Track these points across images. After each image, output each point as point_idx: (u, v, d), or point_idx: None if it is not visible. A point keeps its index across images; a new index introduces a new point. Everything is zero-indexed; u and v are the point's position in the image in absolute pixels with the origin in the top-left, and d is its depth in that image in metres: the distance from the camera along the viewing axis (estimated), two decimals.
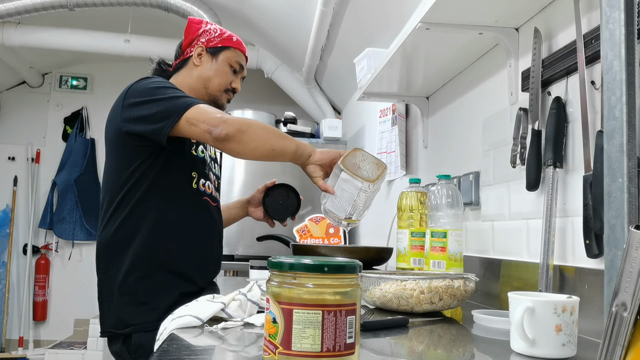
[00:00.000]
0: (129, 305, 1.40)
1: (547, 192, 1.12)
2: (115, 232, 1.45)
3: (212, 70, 1.60)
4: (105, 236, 1.47)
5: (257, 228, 3.17)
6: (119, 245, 1.44)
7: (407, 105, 2.23)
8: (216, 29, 1.64)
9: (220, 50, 1.61)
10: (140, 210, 1.44)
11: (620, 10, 0.53)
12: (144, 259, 1.42)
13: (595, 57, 1.04)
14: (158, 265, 1.43)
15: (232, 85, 1.64)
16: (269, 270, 0.65)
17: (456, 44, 1.48)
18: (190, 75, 1.60)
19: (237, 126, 1.33)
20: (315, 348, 0.60)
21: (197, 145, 1.55)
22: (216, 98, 1.62)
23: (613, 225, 0.53)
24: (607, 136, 0.54)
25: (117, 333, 1.41)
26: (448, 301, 1.12)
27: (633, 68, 0.53)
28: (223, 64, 1.61)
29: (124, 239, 1.44)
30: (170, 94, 1.39)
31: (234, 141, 1.33)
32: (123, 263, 1.42)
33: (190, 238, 1.49)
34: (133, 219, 1.43)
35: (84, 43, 3.94)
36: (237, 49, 1.65)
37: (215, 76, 1.60)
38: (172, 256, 1.45)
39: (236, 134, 1.33)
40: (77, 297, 4.65)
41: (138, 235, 1.43)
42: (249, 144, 1.35)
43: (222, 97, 1.63)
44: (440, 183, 1.45)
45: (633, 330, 0.46)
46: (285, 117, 3.64)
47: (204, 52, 1.60)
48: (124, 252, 1.43)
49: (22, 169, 4.85)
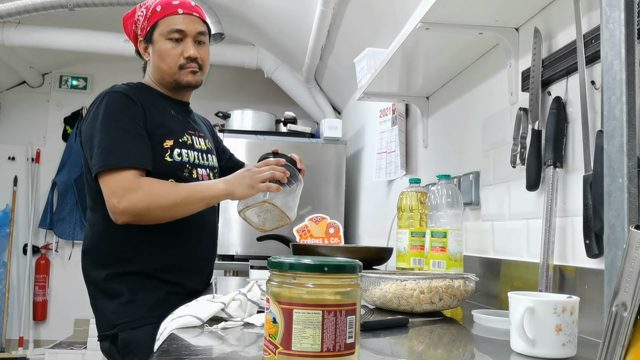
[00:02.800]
0: (115, 307, 1.41)
1: (547, 192, 1.12)
2: (94, 239, 1.46)
3: (156, 56, 1.48)
4: (85, 244, 1.48)
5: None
6: (99, 250, 1.45)
7: (407, 105, 2.23)
8: (143, 11, 1.50)
9: (152, 31, 1.48)
10: None
11: (621, 10, 0.53)
12: (126, 268, 1.42)
13: (595, 57, 1.04)
14: (142, 273, 1.43)
15: (184, 56, 1.47)
16: (269, 270, 0.65)
17: (456, 44, 1.48)
18: (151, 71, 1.54)
19: (133, 216, 1.32)
20: (315, 348, 0.60)
21: (171, 149, 1.45)
22: (176, 80, 1.50)
23: (613, 225, 0.53)
24: (607, 136, 0.54)
25: (106, 334, 1.42)
26: (448, 301, 1.12)
27: (633, 68, 0.53)
28: (160, 43, 1.47)
29: (103, 246, 1.44)
30: (105, 143, 1.35)
31: (138, 223, 1.36)
32: (104, 270, 1.43)
33: (176, 243, 1.46)
34: (110, 226, 1.38)
35: (84, 43, 3.94)
36: (165, 16, 1.47)
37: (161, 61, 1.48)
38: (156, 266, 1.43)
39: (135, 220, 1.34)
40: (77, 297, 4.64)
41: (117, 242, 1.42)
42: (155, 221, 1.38)
43: (181, 75, 1.49)
44: (440, 183, 1.45)
45: (633, 330, 0.46)
46: (285, 117, 3.64)
47: (143, 44, 1.52)
48: (105, 260, 1.44)
49: (22, 169, 4.84)
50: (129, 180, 1.33)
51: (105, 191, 1.33)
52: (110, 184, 1.33)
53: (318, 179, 3.27)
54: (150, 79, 1.55)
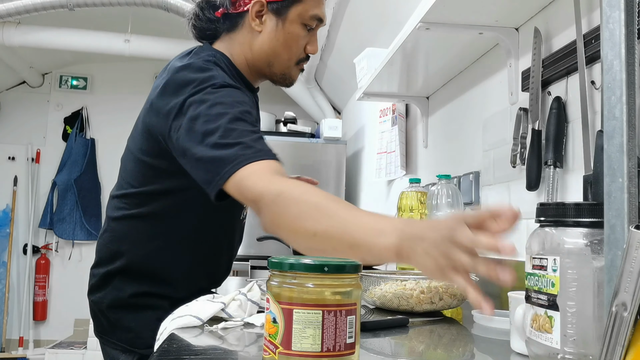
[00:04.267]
0: (151, 321, 1.11)
1: (547, 192, 1.12)
2: (139, 252, 1.18)
3: (280, 40, 1.15)
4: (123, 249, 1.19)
5: (257, 228, 3.18)
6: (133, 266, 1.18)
7: (407, 105, 2.23)
8: None
9: (290, 4, 1.14)
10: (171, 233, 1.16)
11: (621, 10, 0.53)
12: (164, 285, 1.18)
13: (595, 57, 1.04)
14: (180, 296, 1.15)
15: (307, 50, 1.20)
16: (269, 270, 0.65)
17: (456, 44, 1.48)
18: (249, 45, 1.16)
19: (258, 194, 0.88)
20: (315, 348, 0.60)
21: None
22: (285, 74, 1.21)
23: (613, 225, 0.53)
24: (607, 136, 0.54)
25: (134, 351, 1.20)
26: (448, 301, 1.12)
27: (633, 68, 0.53)
28: (294, 26, 1.15)
29: (148, 262, 1.18)
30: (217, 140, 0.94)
31: (271, 225, 0.89)
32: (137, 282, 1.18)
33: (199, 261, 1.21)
34: (144, 237, 1.16)
35: (84, 43, 3.94)
36: None
37: (285, 49, 1.16)
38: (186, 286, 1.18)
39: (271, 227, 0.89)
40: (77, 297, 4.64)
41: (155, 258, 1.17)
42: (270, 223, 0.88)
43: (292, 71, 1.21)
44: (441, 183, 1.45)
45: (633, 330, 0.46)
46: (285, 117, 3.64)
47: (265, 10, 1.14)
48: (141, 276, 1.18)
49: (22, 169, 4.84)
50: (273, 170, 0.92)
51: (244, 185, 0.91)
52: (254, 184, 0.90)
53: (318, 179, 3.25)
54: (238, 54, 1.18)
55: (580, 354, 0.62)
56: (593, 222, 0.64)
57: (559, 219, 0.67)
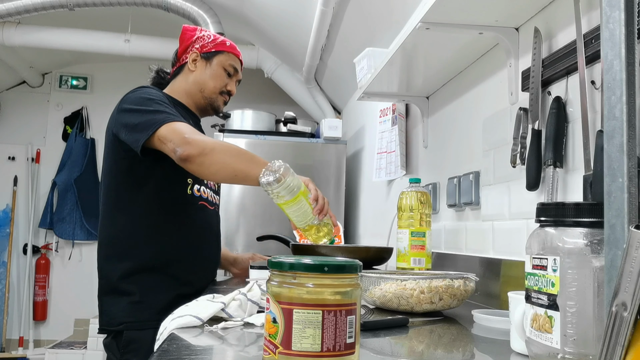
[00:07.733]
0: (124, 304, 1.45)
1: (547, 192, 1.12)
2: (112, 234, 1.50)
3: (207, 74, 1.65)
4: (103, 237, 1.53)
5: (257, 228, 3.18)
6: (116, 246, 1.49)
7: (407, 105, 2.23)
8: (210, 34, 1.69)
9: (214, 54, 1.66)
10: (135, 214, 1.49)
11: (621, 10, 0.53)
12: (140, 262, 1.47)
13: (595, 57, 1.04)
14: (153, 267, 1.48)
15: (227, 88, 1.69)
16: (269, 270, 0.65)
17: (456, 44, 1.48)
18: (187, 81, 1.66)
19: (200, 149, 1.34)
20: (315, 348, 0.60)
21: (192, 186, 1.57)
22: (212, 101, 1.67)
23: (613, 225, 0.53)
24: (607, 136, 0.54)
25: (110, 330, 1.46)
26: (448, 301, 1.12)
27: (633, 68, 0.53)
28: (217, 67, 1.65)
29: (121, 241, 1.49)
30: (154, 108, 1.43)
31: (195, 163, 1.34)
32: (120, 264, 1.47)
33: (186, 242, 1.53)
34: (128, 223, 1.48)
35: (84, 43, 3.94)
36: (231, 52, 1.69)
37: (210, 80, 1.65)
38: (167, 260, 1.49)
39: (197, 157, 1.34)
40: (77, 297, 4.65)
41: (134, 239, 1.48)
42: (210, 167, 1.35)
43: (217, 99, 1.68)
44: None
45: (633, 330, 0.46)
46: (285, 117, 3.63)
47: (198, 57, 1.65)
48: (121, 254, 1.48)
49: (22, 169, 4.84)
50: (191, 127, 1.40)
51: (168, 137, 1.36)
52: (173, 129, 1.37)
53: (318, 179, 3.27)
54: (180, 87, 1.67)
55: (580, 354, 0.62)
56: (593, 222, 0.64)
57: (559, 219, 0.67)
